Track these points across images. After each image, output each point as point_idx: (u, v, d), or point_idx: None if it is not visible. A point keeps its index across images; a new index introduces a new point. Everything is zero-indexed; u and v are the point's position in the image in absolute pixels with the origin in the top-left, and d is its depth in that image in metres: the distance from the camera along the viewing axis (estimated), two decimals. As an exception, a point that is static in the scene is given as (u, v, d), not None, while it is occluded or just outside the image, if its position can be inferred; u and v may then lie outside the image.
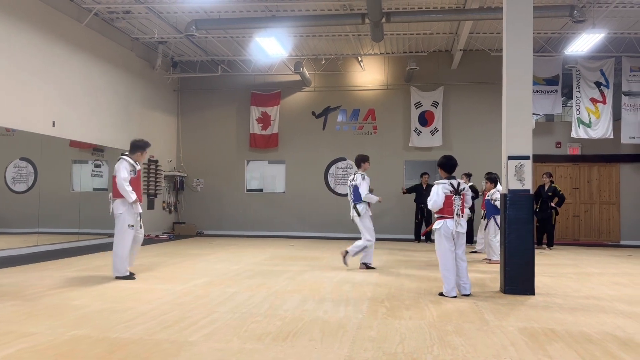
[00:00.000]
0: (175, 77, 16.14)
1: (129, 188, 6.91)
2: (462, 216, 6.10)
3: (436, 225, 6.14)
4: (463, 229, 6.09)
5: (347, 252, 8.30)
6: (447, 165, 6.27)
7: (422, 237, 11.77)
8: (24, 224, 10.43)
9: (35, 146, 10.54)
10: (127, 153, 7.27)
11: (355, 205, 8.42)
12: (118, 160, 7.15)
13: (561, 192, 12.70)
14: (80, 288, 6.28)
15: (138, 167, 7.28)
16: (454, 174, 6.30)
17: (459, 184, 6.14)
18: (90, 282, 6.75)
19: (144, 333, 4.27)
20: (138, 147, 7.30)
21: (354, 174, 8.53)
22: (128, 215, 7.00)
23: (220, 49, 14.83)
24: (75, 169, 12.02)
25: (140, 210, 7.19)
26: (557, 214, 12.70)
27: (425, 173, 13.86)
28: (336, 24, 12.37)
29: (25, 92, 10.20)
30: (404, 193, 14.12)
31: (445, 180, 6.16)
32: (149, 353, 3.76)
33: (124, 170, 6.97)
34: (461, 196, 6.10)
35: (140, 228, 7.26)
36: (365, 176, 8.39)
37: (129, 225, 7.00)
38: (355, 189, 8.38)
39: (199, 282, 6.87)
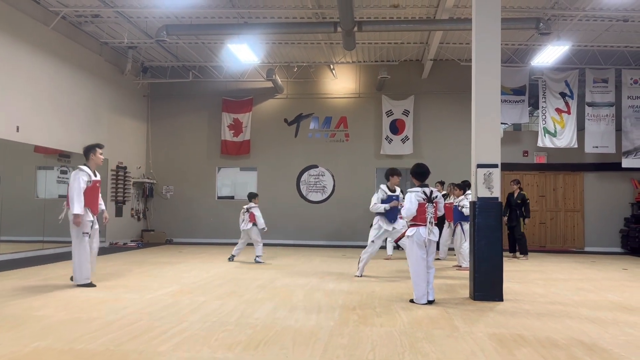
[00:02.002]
0: (145, 82, 15.92)
1: (79, 198, 6.77)
2: (435, 224, 6.18)
3: (409, 232, 6.19)
4: (435, 237, 6.17)
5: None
6: (419, 174, 6.35)
7: (395, 244, 11.85)
8: (-15, 231, 10.08)
9: (-2, 152, 10.22)
10: (84, 164, 7.14)
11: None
12: (75, 170, 7.06)
13: (528, 201, 12.89)
14: (44, 298, 6.10)
15: (95, 178, 7.10)
16: (426, 182, 6.38)
17: (431, 192, 6.22)
18: (55, 291, 6.56)
19: (111, 344, 4.17)
20: (87, 150, 7.20)
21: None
22: (82, 223, 6.87)
23: (191, 54, 14.71)
24: (40, 175, 11.70)
25: (92, 219, 7.02)
26: (524, 222, 12.81)
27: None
28: (308, 32, 12.43)
29: (-12, 95, 9.91)
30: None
31: (419, 189, 6.22)
32: (115, 364, 3.67)
33: (79, 180, 6.87)
34: (434, 204, 6.18)
35: (93, 237, 7.06)
36: (380, 188, 8.39)
37: (83, 233, 6.90)
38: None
39: (168, 290, 6.76)
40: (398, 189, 8.49)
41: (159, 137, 16.41)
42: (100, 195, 7.38)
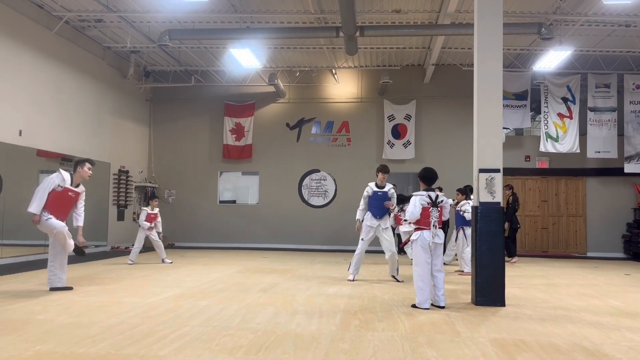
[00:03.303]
0: (148, 86, 15.96)
1: (39, 197, 6.53)
2: (440, 227, 6.18)
3: (413, 236, 6.19)
4: (440, 239, 6.16)
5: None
6: (427, 178, 6.39)
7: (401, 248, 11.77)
8: (-13, 235, 10.09)
9: (1, 155, 10.24)
10: (71, 173, 6.92)
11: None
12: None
13: (510, 205, 12.54)
14: (45, 301, 6.10)
15: (73, 188, 6.83)
16: (432, 186, 6.39)
17: (437, 196, 6.23)
18: (56, 295, 6.57)
19: (112, 348, 4.16)
20: (77, 162, 7.01)
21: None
22: (44, 225, 6.72)
23: (193, 59, 14.75)
24: (42, 179, 11.70)
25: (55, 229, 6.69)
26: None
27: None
28: (311, 36, 12.46)
29: (-9, 99, 9.94)
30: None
31: (424, 192, 6.25)
32: (116, 368, 3.67)
33: (48, 181, 6.67)
34: (439, 208, 6.19)
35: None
36: (368, 186, 8.49)
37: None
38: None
39: (170, 294, 6.75)
40: (389, 185, 8.52)
41: (161, 141, 16.44)
42: (79, 211, 7.02)
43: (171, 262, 10.75)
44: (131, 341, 4.37)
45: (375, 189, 8.41)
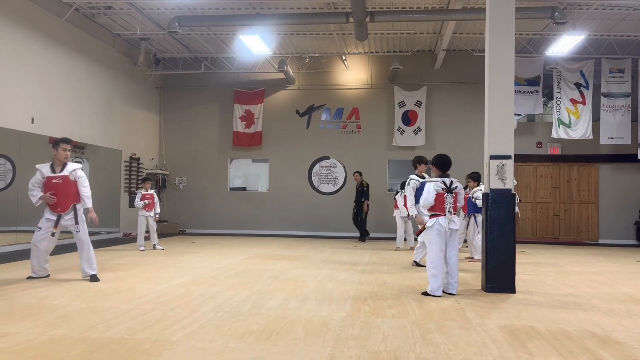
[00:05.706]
0: (158, 74, 15.98)
1: (30, 194, 6.84)
2: (455, 213, 6.16)
3: (429, 223, 6.17)
4: (456, 225, 6.14)
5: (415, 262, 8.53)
6: (441, 164, 6.35)
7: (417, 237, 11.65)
8: (1, 222, 10.23)
9: (14, 143, 10.34)
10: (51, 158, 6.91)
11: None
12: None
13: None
14: (59, 287, 6.19)
15: (57, 173, 6.76)
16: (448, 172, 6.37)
17: (451, 182, 6.21)
18: (69, 280, 6.67)
19: (125, 332, 4.23)
20: (53, 144, 6.92)
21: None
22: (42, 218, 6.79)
23: (203, 46, 14.73)
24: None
25: (53, 217, 6.79)
26: None
27: (357, 172, 13.85)
28: (320, 22, 12.37)
29: (3, 88, 10.00)
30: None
31: (438, 179, 6.23)
32: (130, 353, 3.72)
33: (32, 182, 6.91)
34: (453, 194, 6.16)
35: (52, 236, 6.82)
36: (412, 180, 8.18)
37: (37, 227, 6.81)
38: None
39: (181, 281, 6.82)
40: (427, 176, 8.43)
41: (172, 128, 16.50)
42: (82, 195, 6.91)
43: (162, 249, 10.74)
44: (144, 326, 4.43)
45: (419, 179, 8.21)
